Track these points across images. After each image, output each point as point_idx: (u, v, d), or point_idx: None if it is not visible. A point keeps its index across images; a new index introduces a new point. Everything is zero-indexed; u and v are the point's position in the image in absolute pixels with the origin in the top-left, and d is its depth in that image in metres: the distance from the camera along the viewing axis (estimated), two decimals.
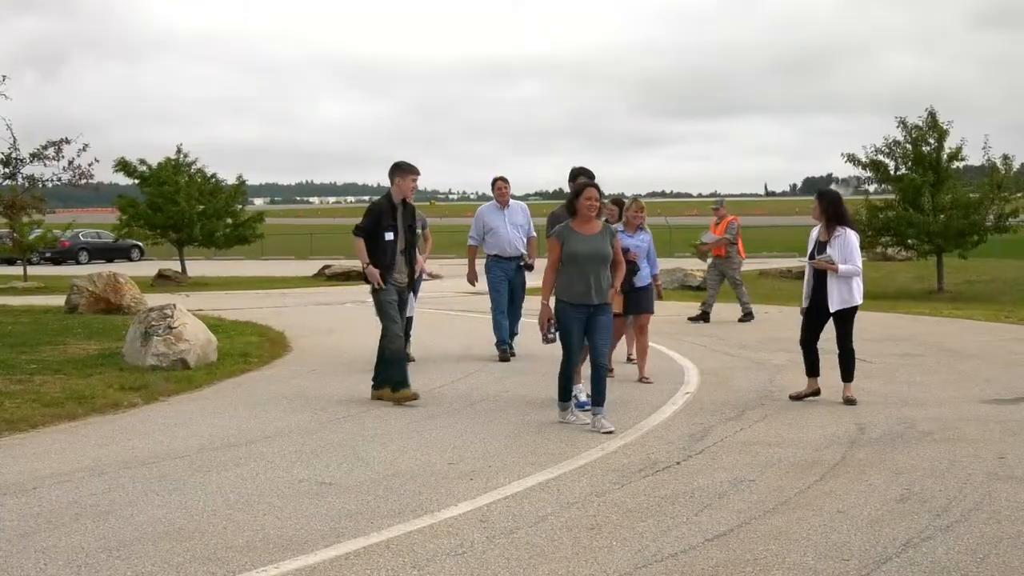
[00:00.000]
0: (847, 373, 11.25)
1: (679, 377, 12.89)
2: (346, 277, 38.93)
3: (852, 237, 11.02)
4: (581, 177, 11.53)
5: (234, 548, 6.45)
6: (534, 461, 8.63)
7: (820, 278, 11.10)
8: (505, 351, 14.62)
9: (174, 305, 14.66)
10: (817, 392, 11.29)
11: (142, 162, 41.04)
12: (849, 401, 10.99)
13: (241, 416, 10.82)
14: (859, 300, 11.14)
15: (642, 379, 12.51)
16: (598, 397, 9.92)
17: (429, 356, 15.10)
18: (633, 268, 12.18)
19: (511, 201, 15.04)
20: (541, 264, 11.76)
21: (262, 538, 6.65)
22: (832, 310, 11.06)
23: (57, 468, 8.57)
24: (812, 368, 11.39)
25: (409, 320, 12.94)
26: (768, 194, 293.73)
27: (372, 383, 11.72)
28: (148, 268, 43.38)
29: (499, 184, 14.98)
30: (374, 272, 11.27)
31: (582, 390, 10.69)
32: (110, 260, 55.42)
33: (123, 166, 40.36)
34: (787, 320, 19.98)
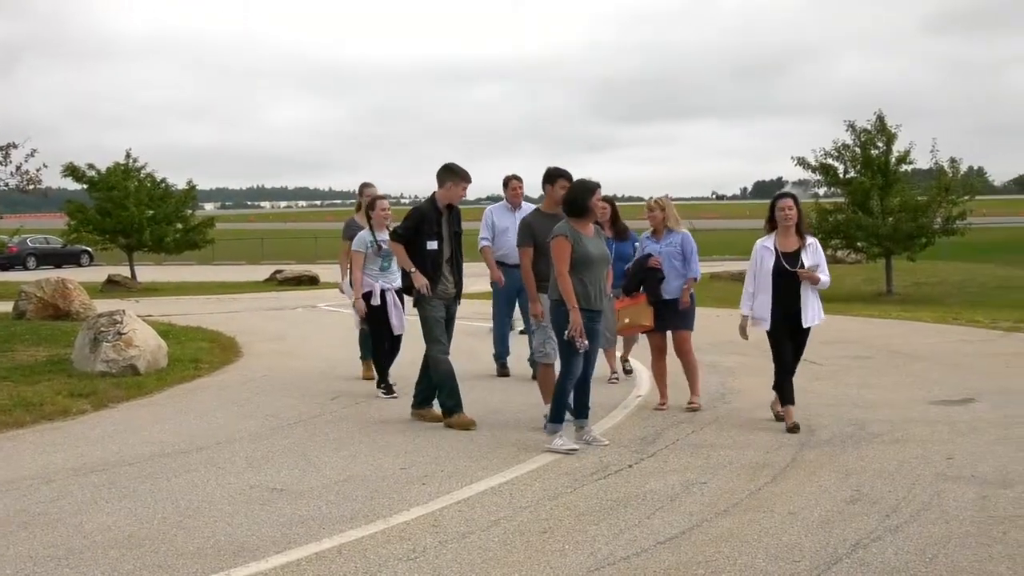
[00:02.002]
0: (792, 395, 10.10)
1: (631, 380, 12.94)
2: (297, 282, 38.83)
3: (820, 247, 10.29)
4: (561, 180, 10.28)
5: (184, 555, 6.40)
6: (486, 465, 8.62)
7: (791, 290, 9.95)
8: (504, 367, 13.57)
9: (124, 311, 14.56)
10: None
11: (91, 167, 40.71)
12: (794, 428, 9.81)
13: (192, 422, 10.75)
14: (823, 316, 10.29)
15: (689, 404, 11.03)
16: (586, 409, 9.59)
17: None
18: (657, 276, 11.04)
19: (523, 203, 13.19)
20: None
21: (213, 545, 6.61)
22: (806, 325, 10.03)
23: (4, 476, 8.48)
24: (791, 396, 10.11)
25: (398, 338, 12.19)
26: (718, 198, 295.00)
27: (412, 400, 10.87)
28: (97, 274, 43.05)
29: (513, 184, 13.26)
30: (421, 277, 10.33)
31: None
32: (59, 266, 55.03)
33: (72, 171, 39.96)
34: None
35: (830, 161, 33.97)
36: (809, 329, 10.15)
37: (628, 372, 13.38)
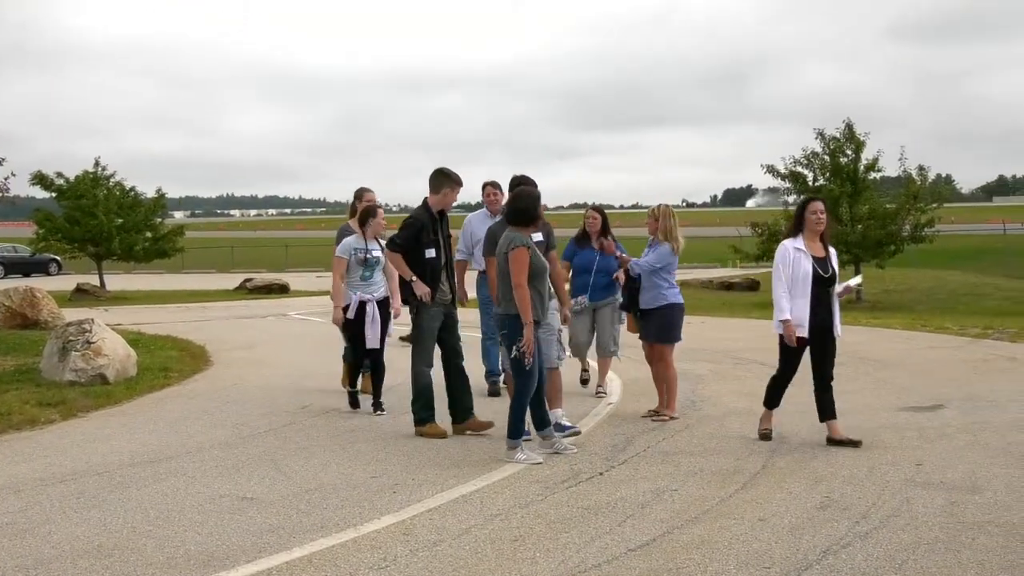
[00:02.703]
0: (832, 410, 9.71)
1: (602, 388, 12.93)
2: (268, 291, 38.77)
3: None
4: (522, 186, 10.06)
5: (154, 565, 6.37)
6: (457, 474, 8.61)
7: (826, 298, 9.63)
8: (496, 384, 12.72)
9: (92, 320, 14.50)
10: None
11: (60, 175, 40.52)
12: (852, 442, 9.41)
13: (162, 431, 10.70)
14: None
15: (658, 415, 10.96)
16: (547, 417, 9.48)
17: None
18: (634, 285, 11.05)
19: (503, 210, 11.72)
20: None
21: (183, 554, 6.57)
22: (839, 333, 9.76)
23: None
24: (832, 409, 9.73)
25: (379, 355, 11.68)
26: (688, 206, 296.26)
27: (452, 418, 10.47)
28: (66, 282, 42.83)
29: (488, 190, 12.40)
30: (423, 286, 10.06)
31: (563, 415, 10.05)
32: (27, 274, 54.67)
33: (40, 179, 39.82)
34: (710, 331, 20.20)
35: (799, 169, 34.13)
36: (835, 340, 9.76)
37: (585, 383, 12.85)
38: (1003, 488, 7.84)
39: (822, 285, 9.56)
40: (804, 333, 9.54)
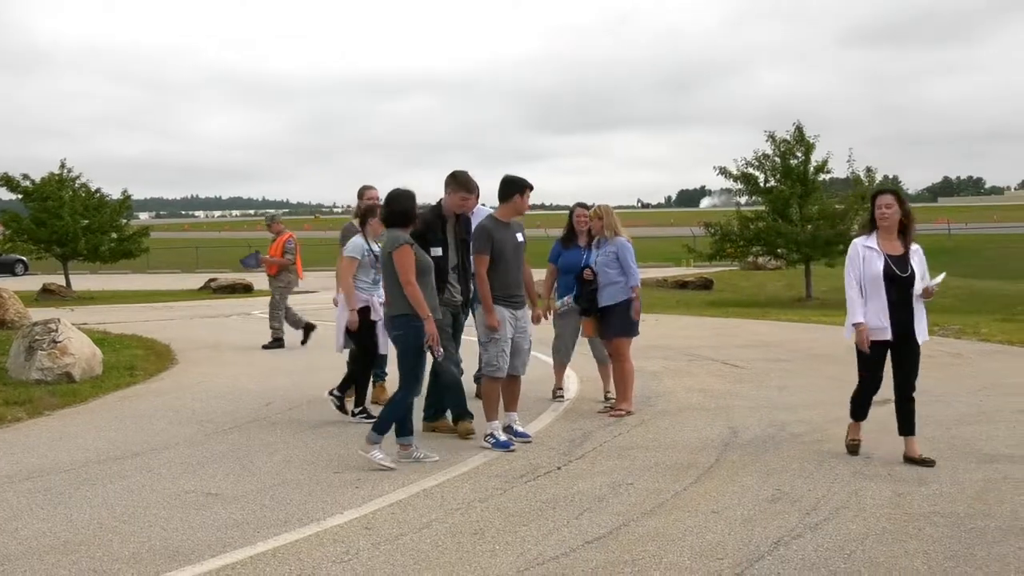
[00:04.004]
0: (912, 424, 8.71)
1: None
2: (232, 290, 38.61)
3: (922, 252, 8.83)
4: (528, 190, 9.78)
5: (120, 560, 6.33)
6: (418, 468, 8.60)
7: (904, 300, 8.60)
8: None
9: (58, 319, 14.40)
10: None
11: (25, 177, 40.16)
12: (925, 461, 8.48)
13: (127, 429, 10.63)
14: None
15: (615, 409, 10.95)
16: (410, 426, 9.07)
17: (316, 367, 14.99)
18: (590, 287, 11.05)
19: (478, 207, 11.08)
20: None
21: (148, 549, 6.54)
22: (922, 340, 8.70)
23: None
24: (911, 424, 8.74)
25: (384, 357, 11.38)
26: (644, 206, 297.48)
27: (423, 414, 10.30)
28: (32, 282, 42.49)
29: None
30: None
31: (517, 419, 9.87)
32: None
33: (6, 181, 39.47)
34: (664, 328, 20.25)
35: (751, 170, 34.26)
36: (919, 347, 8.73)
37: (559, 398, 12.11)
38: (948, 480, 7.91)
39: (900, 285, 8.59)
40: (880, 336, 8.59)
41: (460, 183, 10.00)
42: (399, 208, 8.96)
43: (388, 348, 10.74)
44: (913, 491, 7.61)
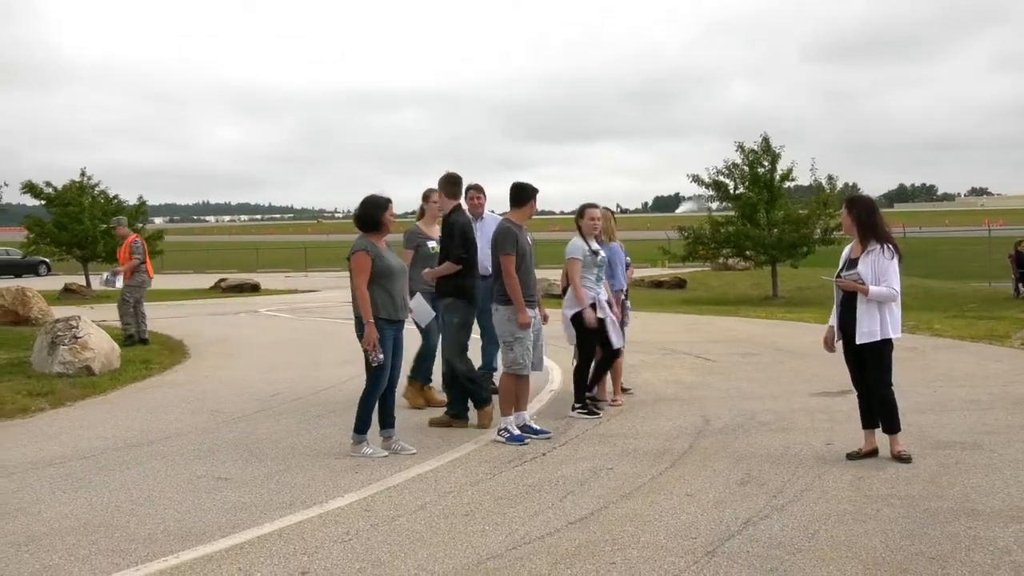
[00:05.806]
0: (887, 423, 8.24)
1: (544, 376, 12.89)
2: (240, 289, 38.50)
3: (888, 253, 8.14)
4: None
5: (137, 540, 6.32)
6: (414, 454, 8.60)
7: (849, 304, 8.23)
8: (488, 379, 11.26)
9: (79, 317, 14.38)
10: (875, 452, 8.25)
11: (48, 184, 40.16)
12: (900, 457, 8.08)
13: (143, 418, 10.62)
14: (891, 333, 8.17)
15: (612, 401, 10.91)
16: (392, 419, 8.91)
17: (319, 361, 14.98)
18: None
19: (486, 214, 11.28)
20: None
21: (163, 530, 6.53)
22: (857, 343, 8.17)
23: None
24: (868, 419, 8.39)
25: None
26: (622, 212, 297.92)
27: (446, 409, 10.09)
28: (55, 282, 42.28)
29: (471, 194, 11.09)
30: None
31: (528, 417, 9.58)
32: (18, 275, 54.00)
33: (30, 188, 39.53)
34: (641, 324, 20.21)
35: (721, 178, 34.25)
36: (871, 349, 8.16)
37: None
38: (904, 465, 7.91)
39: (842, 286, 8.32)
40: (839, 337, 8.43)
41: (440, 187, 10.09)
42: (362, 213, 8.73)
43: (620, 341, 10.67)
44: (872, 475, 7.62)
